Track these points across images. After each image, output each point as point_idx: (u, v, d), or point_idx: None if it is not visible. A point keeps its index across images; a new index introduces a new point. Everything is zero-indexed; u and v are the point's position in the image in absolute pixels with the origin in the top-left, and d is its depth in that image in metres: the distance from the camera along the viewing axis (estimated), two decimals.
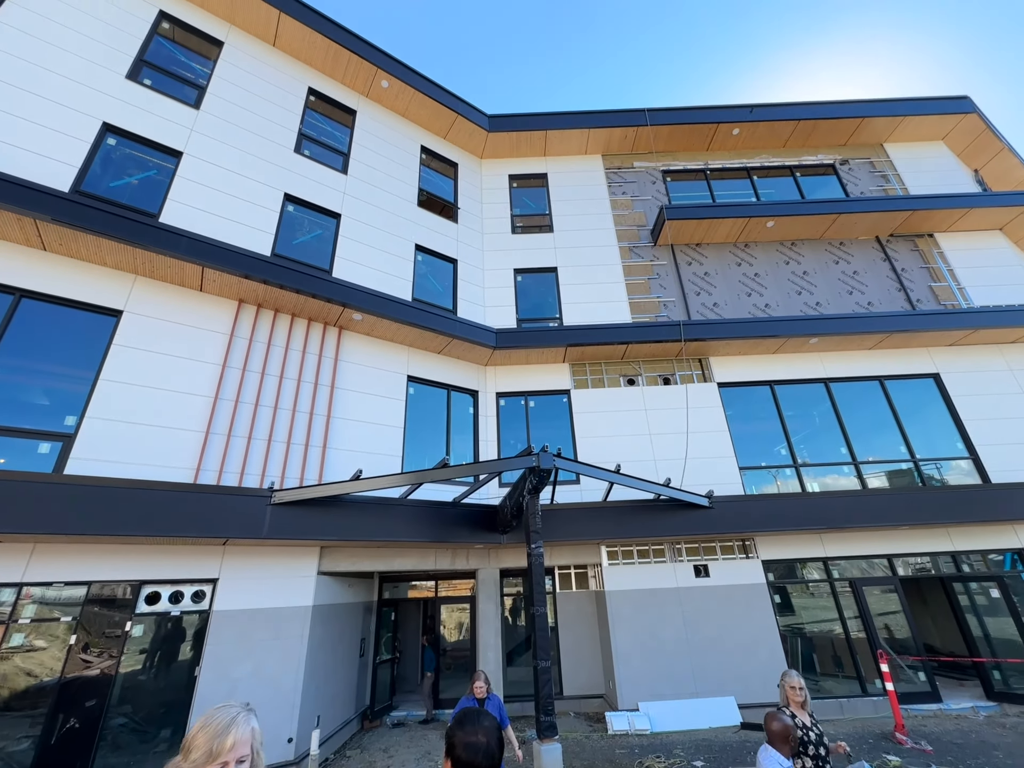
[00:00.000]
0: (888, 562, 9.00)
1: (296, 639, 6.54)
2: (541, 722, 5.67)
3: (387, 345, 9.12)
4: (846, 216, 11.13)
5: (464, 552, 8.48)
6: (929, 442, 9.88)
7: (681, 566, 8.70)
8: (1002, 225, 11.74)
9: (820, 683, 8.37)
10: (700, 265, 11.51)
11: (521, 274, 11.47)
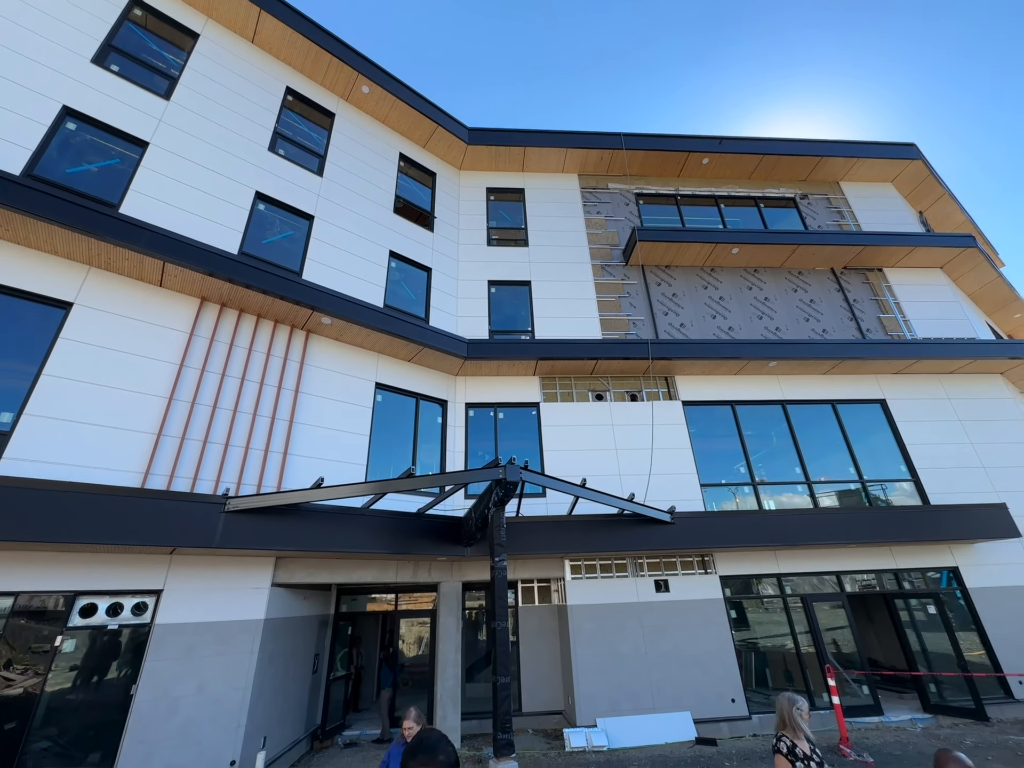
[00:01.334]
0: (837, 579, 9.38)
1: (245, 654, 6.23)
2: (498, 740, 5.58)
3: (356, 351, 8.96)
4: (804, 247, 11.76)
5: (427, 564, 8.32)
6: (876, 464, 10.43)
7: (642, 581, 8.80)
8: (943, 264, 12.66)
9: (771, 697, 8.58)
10: (669, 286, 11.89)
11: (495, 286, 11.54)
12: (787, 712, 3.28)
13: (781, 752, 3.11)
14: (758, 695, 8.51)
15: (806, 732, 3.19)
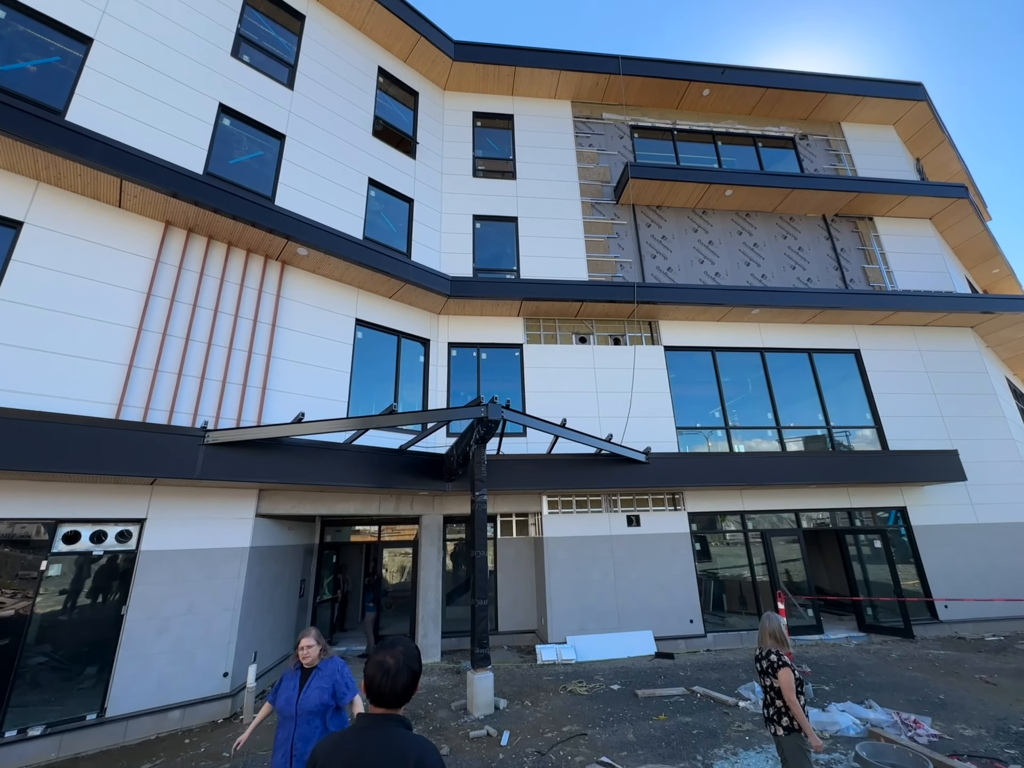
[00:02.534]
0: (795, 516, 10.05)
1: (232, 579, 6.46)
2: (476, 654, 6.03)
3: (335, 285, 8.64)
4: (799, 192, 11.47)
5: (409, 498, 8.57)
6: (843, 411, 10.86)
7: (615, 516, 9.27)
8: (932, 215, 12.57)
9: (726, 619, 9.41)
10: (659, 228, 11.59)
11: (480, 221, 11.07)
12: (779, 630, 3.56)
13: (788, 666, 3.39)
14: (714, 617, 9.31)
15: (790, 646, 3.56)
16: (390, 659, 1.58)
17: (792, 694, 3.30)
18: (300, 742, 3.01)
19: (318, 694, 3.07)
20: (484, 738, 5.21)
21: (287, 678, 3.18)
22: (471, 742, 5.12)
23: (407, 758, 1.43)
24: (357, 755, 1.48)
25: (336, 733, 1.62)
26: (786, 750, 3.33)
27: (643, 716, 5.67)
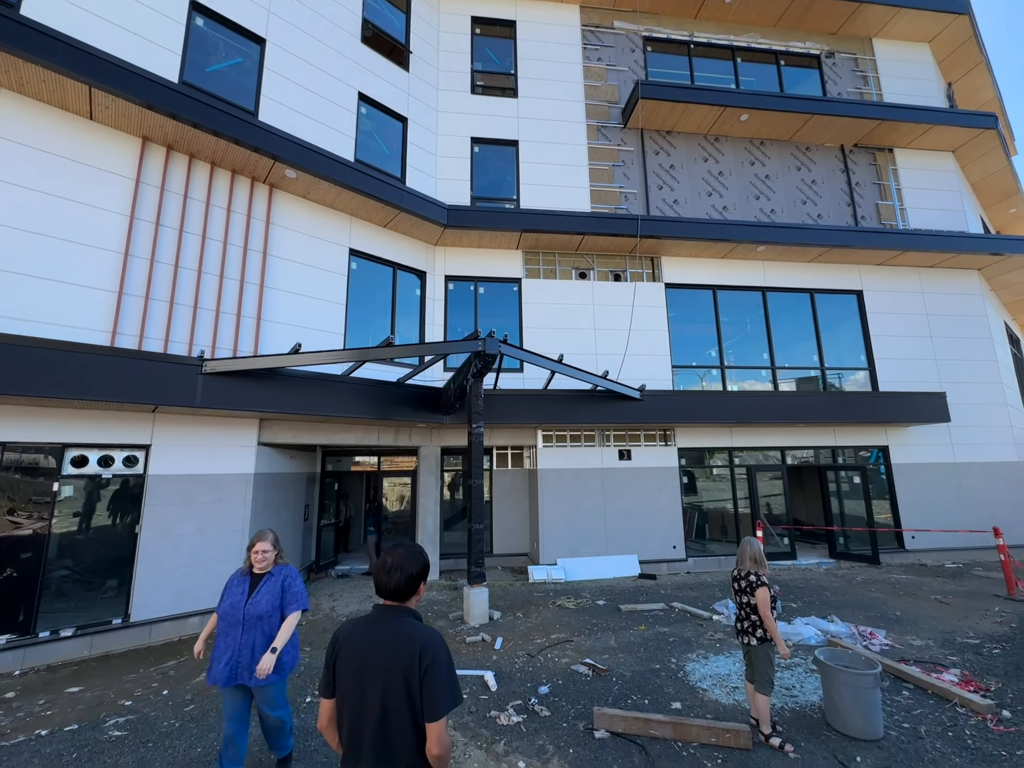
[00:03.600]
0: (781, 453, 10.41)
1: (239, 503, 6.75)
2: (472, 571, 6.46)
3: (326, 212, 8.28)
4: (819, 118, 10.75)
5: (407, 430, 8.77)
6: (838, 354, 10.92)
7: (607, 450, 9.57)
8: (956, 147, 11.92)
9: (707, 545, 10.03)
10: (667, 156, 10.97)
11: (479, 144, 10.42)
12: (758, 553, 3.85)
13: (766, 585, 3.72)
14: (695, 544, 9.91)
15: (766, 568, 3.85)
16: (389, 558, 1.80)
17: (767, 610, 3.63)
18: (247, 648, 2.91)
19: (269, 598, 2.99)
20: (479, 643, 5.72)
21: (234, 584, 3.04)
22: (468, 646, 5.62)
23: (414, 640, 1.66)
24: (371, 637, 1.72)
25: (353, 619, 1.84)
26: (756, 658, 3.69)
27: (625, 627, 6.20)
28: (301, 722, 3.94)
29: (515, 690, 4.50)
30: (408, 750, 1.62)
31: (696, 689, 4.51)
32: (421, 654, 1.64)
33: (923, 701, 4.23)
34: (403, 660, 1.64)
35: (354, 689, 1.69)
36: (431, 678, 1.61)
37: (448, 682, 1.65)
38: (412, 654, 1.64)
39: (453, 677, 1.68)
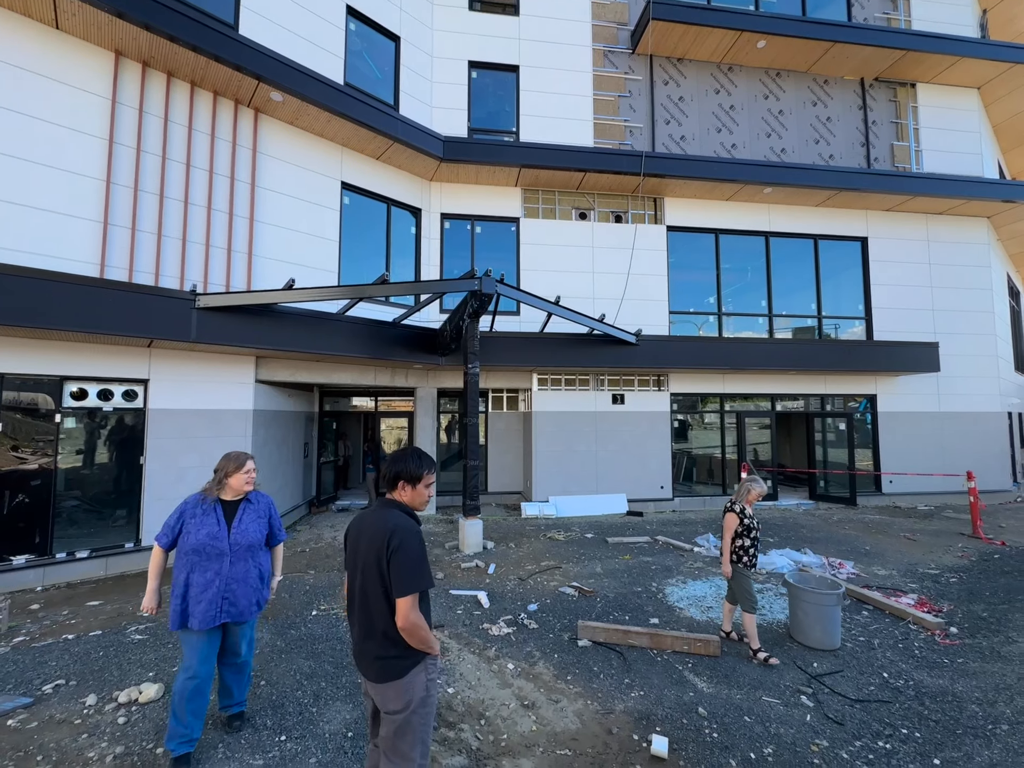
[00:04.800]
0: (771, 400, 10.61)
1: (240, 437, 6.91)
2: (467, 505, 6.76)
3: (316, 141, 7.88)
4: (841, 47, 10.05)
5: (403, 371, 8.84)
6: (837, 303, 10.87)
7: (601, 394, 9.73)
8: (982, 83, 11.27)
9: (693, 487, 10.44)
10: (677, 87, 10.34)
11: (477, 69, 9.76)
12: (744, 484, 4.12)
13: (734, 512, 4.00)
14: (683, 486, 10.32)
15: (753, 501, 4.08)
16: (391, 459, 2.13)
17: (728, 534, 3.97)
18: (235, 583, 2.66)
19: (256, 527, 2.78)
20: (474, 568, 6.09)
21: (200, 512, 2.68)
22: (463, 571, 5.99)
23: (388, 525, 1.92)
24: (362, 524, 2.06)
25: (360, 512, 2.12)
26: (734, 580, 4.00)
27: (611, 556, 6.59)
28: (308, 631, 4.28)
29: (506, 607, 4.85)
30: (382, 622, 1.89)
31: (673, 608, 4.89)
32: (390, 538, 1.88)
33: (880, 620, 4.61)
34: (377, 543, 1.90)
35: (351, 567, 2.04)
36: (396, 560, 1.85)
37: (414, 564, 1.86)
38: (384, 538, 1.88)
39: (420, 561, 1.88)
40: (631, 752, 2.81)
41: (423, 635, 1.87)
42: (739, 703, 3.29)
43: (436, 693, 2.02)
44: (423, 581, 1.88)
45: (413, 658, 1.92)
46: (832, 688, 3.48)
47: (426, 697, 1.94)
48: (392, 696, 1.90)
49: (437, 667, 2.02)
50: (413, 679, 1.91)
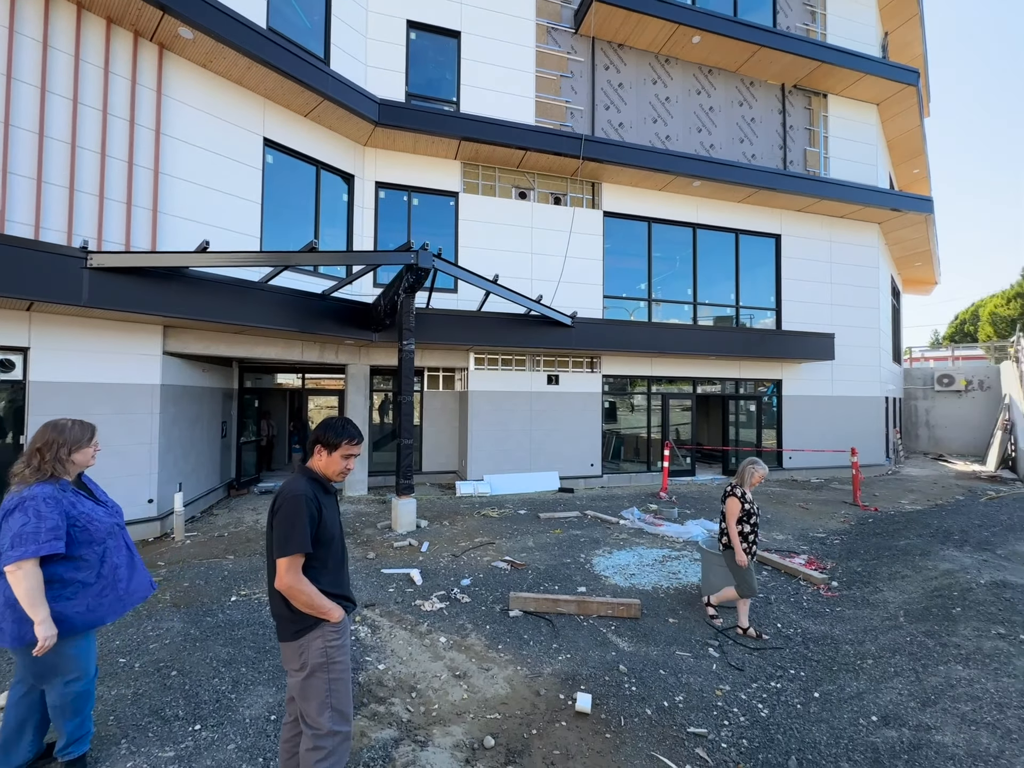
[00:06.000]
0: (693, 383, 11.35)
1: (146, 415, 6.27)
2: (400, 484, 6.65)
3: (235, 90, 7.14)
4: (767, 52, 10.65)
5: (334, 346, 8.43)
6: (753, 294, 11.76)
7: (537, 374, 9.89)
8: (881, 100, 12.47)
9: (621, 465, 11.00)
10: (617, 73, 10.48)
11: (417, 31, 9.27)
12: (743, 470, 4.00)
13: (736, 496, 3.92)
14: (611, 463, 10.83)
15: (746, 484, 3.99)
16: (318, 424, 2.15)
17: (732, 519, 3.88)
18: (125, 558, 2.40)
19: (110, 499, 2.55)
20: (407, 547, 6.03)
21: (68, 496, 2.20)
22: (395, 550, 5.92)
23: (281, 489, 1.99)
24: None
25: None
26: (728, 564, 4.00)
27: (542, 531, 6.80)
28: (227, 617, 4.05)
29: (439, 584, 4.87)
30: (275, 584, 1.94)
31: (600, 577, 5.16)
32: (275, 500, 1.97)
33: (777, 578, 5.17)
34: (272, 506, 1.98)
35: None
36: (276, 522, 1.92)
37: (288, 527, 1.88)
38: (273, 501, 1.98)
39: (294, 525, 1.88)
40: (557, 710, 2.95)
41: (305, 599, 1.88)
42: (656, 658, 3.56)
43: (343, 660, 2.00)
44: (292, 545, 1.86)
45: (305, 622, 1.94)
46: (735, 640, 3.87)
47: (325, 663, 1.94)
48: (289, 656, 1.98)
49: (341, 633, 2.00)
50: (307, 643, 1.94)
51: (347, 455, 2.07)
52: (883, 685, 3.18)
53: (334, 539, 2.05)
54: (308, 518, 1.91)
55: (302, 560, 1.91)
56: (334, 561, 2.06)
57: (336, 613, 1.96)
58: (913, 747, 2.59)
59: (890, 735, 2.70)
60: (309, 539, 1.90)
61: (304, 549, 1.89)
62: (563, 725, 2.82)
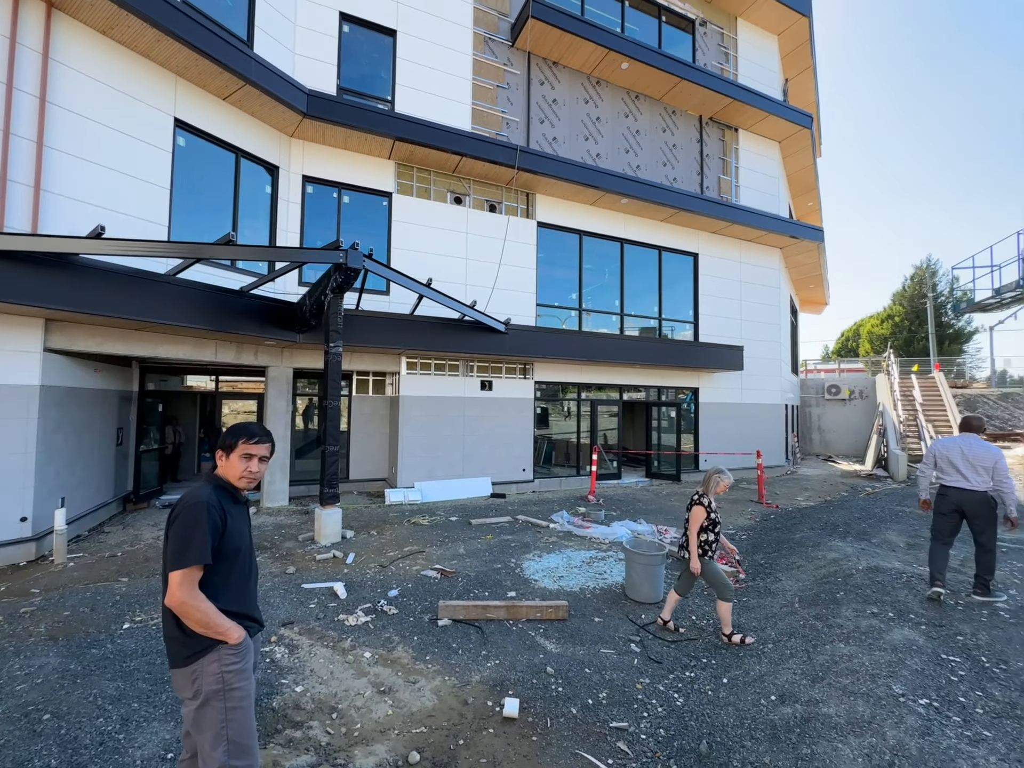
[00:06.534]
0: (619, 390, 11.89)
1: (21, 420, 5.47)
2: (324, 492, 6.33)
3: (141, 63, 6.49)
4: (686, 84, 11.51)
5: (252, 347, 7.87)
6: (674, 307, 12.58)
7: (470, 380, 9.87)
8: (782, 138, 13.92)
9: (552, 469, 11.25)
10: (552, 89, 10.82)
11: (350, 24, 8.99)
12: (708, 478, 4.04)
13: (702, 504, 3.92)
14: (542, 468, 11.04)
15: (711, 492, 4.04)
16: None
17: (694, 527, 3.88)
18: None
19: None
20: (330, 559, 5.74)
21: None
22: (318, 563, 5.61)
23: (180, 497, 1.84)
24: None
25: None
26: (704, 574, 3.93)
27: (474, 537, 6.77)
28: (118, 647, 3.61)
29: (365, 596, 4.68)
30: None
31: (529, 581, 5.22)
32: (174, 508, 1.81)
33: None
34: (169, 516, 1.83)
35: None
36: (172, 531, 1.78)
37: (183, 537, 1.73)
38: (172, 509, 1.82)
39: (195, 534, 1.73)
40: (485, 718, 2.94)
41: (199, 617, 1.71)
42: (582, 658, 3.66)
43: (242, 687, 1.81)
44: (188, 557, 1.70)
45: (198, 644, 1.77)
46: (655, 634, 4.08)
47: (221, 690, 1.76)
48: (181, 683, 1.80)
49: (240, 657, 1.82)
50: (201, 668, 1.77)
51: (246, 455, 1.91)
52: (781, 667, 3.50)
53: (240, 552, 1.90)
54: (210, 527, 1.76)
55: (199, 574, 1.75)
56: (238, 577, 1.90)
57: (235, 634, 1.79)
58: (804, 720, 2.87)
59: (786, 712, 2.97)
60: (209, 550, 1.74)
61: (202, 560, 1.72)
62: (490, 732, 2.81)
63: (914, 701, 2.99)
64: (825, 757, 2.57)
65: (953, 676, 3.26)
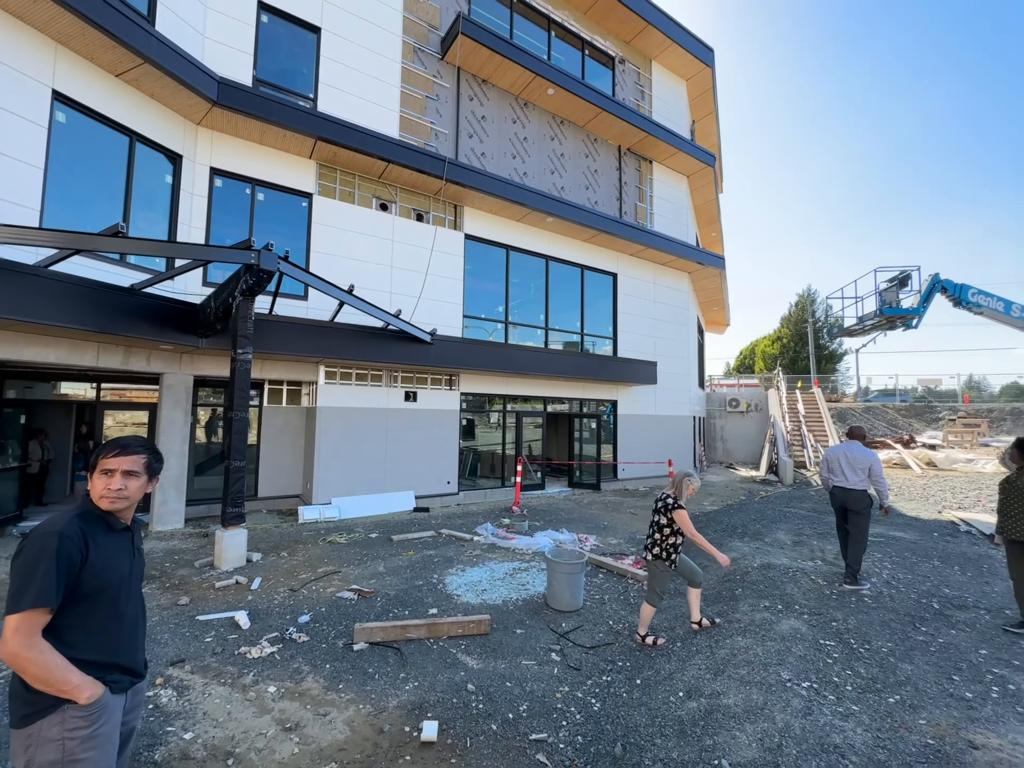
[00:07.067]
0: (543, 402, 12.18)
1: None
2: (227, 513, 5.79)
3: (12, 23, 5.66)
4: (606, 115, 12.26)
5: (144, 351, 7.06)
6: (595, 324, 13.19)
7: (394, 391, 9.60)
8: (690, 173, 15.26)
9: (477, 481, 11.20)
10: (481, 105, 11.01)
11: (269, 14, 8.54)
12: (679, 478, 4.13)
13: (684, 508, 4.00)
14: (468, 480, 10.96)
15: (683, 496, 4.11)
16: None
17: (690, 527, 3.95)
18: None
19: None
20: (232, 586, 5.23)
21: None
22: (217, 591, 5.08)
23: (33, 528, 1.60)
24: None
25: None
26: (650, 572, 4.16)
27: (395, 554, 6.53)
28: None
29: (271, 624, 4.32)
30: None
31: (452, 596, 5.13)
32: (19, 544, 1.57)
33: (611, 579, 5.75)
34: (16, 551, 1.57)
35: None
36: (12, 569, 1.53)
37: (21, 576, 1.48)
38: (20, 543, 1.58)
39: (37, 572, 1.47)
40: (402, 744, 2.82)
41: (36, 671, 1.44)
42: (503, 672, 3.64)
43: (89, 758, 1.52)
44: (26, 599, 1.44)
45: (38, 703, 1.48)
46: (574, 641, 4.17)
47: (61, 761, 1.47)
48: (14, 748, 1.50)
49: (92, 721, 1.53)
50: (38, 733, 1.48)
51: (105, 470, 1.66)
52: (688, 663, 3.73)
53: (106, 590, 1.63)
54: (62, 563, 1.50)
55: (42, 618, 1.47)
56: (106, 620, 1.64)
57: (86, 692, 1.49)
58: (707, 713, 3.07)
59: (692, 706, 3.17)
60: (55, 591, 1.47)
61: (44, 603, 1.46)
62: (407, 760, 2.70)
63: (798, 685, 3.32)
64: (725, 746, 2.77)
65: (828, 659, 3.68)
